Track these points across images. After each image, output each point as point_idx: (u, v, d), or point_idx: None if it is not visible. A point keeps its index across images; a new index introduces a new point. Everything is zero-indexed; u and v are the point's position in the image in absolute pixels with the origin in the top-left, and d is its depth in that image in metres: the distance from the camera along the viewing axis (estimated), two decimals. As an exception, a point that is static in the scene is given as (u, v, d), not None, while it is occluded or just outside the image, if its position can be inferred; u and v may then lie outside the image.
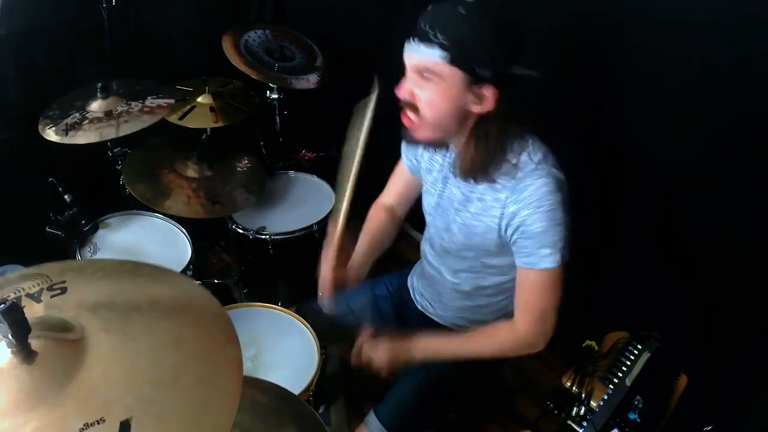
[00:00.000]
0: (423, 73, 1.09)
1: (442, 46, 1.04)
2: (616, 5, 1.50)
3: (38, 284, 0.73)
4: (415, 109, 1.14)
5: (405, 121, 1.19)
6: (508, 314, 1.45)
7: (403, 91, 1.14)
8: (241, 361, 0.69)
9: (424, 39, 1.05)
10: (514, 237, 1.19)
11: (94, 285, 0.76)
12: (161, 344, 0.68)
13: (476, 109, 1.11)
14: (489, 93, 1.09)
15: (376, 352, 1.30)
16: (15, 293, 0.71)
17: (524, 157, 1.17)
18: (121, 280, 0.78)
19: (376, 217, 1.54)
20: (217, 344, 0.70)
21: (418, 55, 1.08)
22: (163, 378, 0.64)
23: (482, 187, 1.22)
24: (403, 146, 1.48)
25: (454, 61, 1.05)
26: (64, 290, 0.72)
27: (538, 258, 1.16)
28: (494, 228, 1.22)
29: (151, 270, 0.81)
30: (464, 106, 1.11)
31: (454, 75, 1.06)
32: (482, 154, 1.16)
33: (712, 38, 1.35)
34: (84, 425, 0.56)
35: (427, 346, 1.31)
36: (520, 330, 1.25)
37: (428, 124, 1.14)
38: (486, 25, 1.04)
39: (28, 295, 0.71)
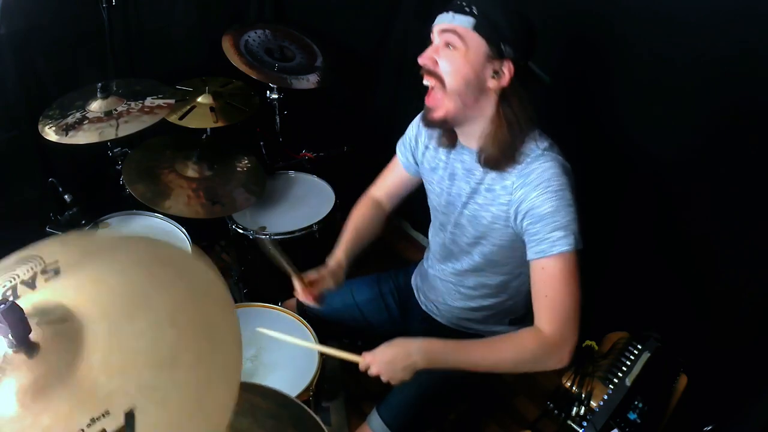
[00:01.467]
0: (450, 40, 1.14)
1: (473, 15, 1.11)
2: (611, 4, 1.50)
3: (32, 268, 0.72)
4: (435, 76, 1.17)
5: (428, 100, 1.21)
6: (512, 317, 1.44)
7: (425, 58, 1.17)
8: (239, 331, 0.67)
9: (459, 10, 1.13)
10: (525, 223, 1.17)
11: (86, 263, 0.75)
12: (158, 320, 0.67)
13: (492, 84, 1.15)
14: (506, 69, 1.13)
15: (376, 363, 1.18)
16: (11, 281, 0.71)
17: (531, 144, 1.19)
18: (114, 254, 0.77)
19: (363, 209, 1.54)
20: (214, 314, 0.69)
21: (450, 22, 1.14)
22: (162, 360, 0.63)
23: (490, 177, 1.23)
24: (400, 144, 1.48)
25: (482, 30, 1.11)
26: (57, 271, 0.72)
27: (551, 243, 1.13)
28: (502, 216, 1.22)
29: (145, 243, 0.80)
30: (483, 78, 1.15)
31: (480, 44, 1.12)
32: (509, 139, 1.18)
33: (710, 35, 1.35)
34: (91, 420, 0.56)
35: (433, 352, 1.18)
36: (545, 332, 1.15)
37: (449, 94, 1.16)
38: (514, 10, 1.13)
39: (23, 282, 0.71)
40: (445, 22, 1.15)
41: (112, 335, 0.65)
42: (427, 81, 1.19)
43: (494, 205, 1.23)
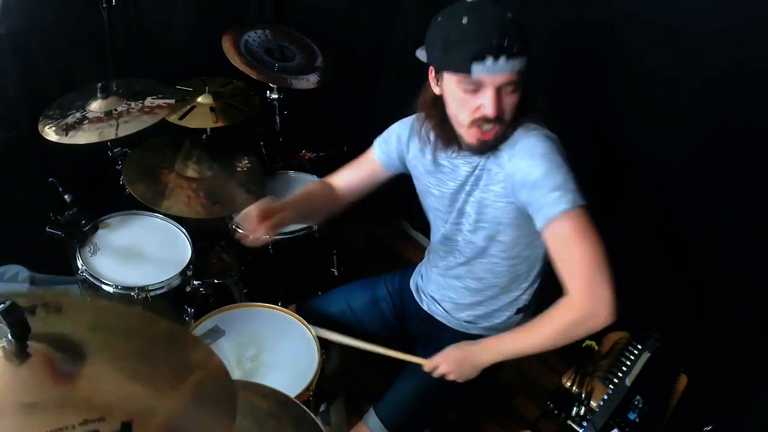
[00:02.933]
0: (512, 86, 1.12)
1: (523, 53, 1.09)
2: (614, 10, 1.50)
3: (32, 301, 0.72)
4: (502, 121, 1.16)
5: (480, 135, 1.18)
6: (518, 306, 1.43)
7: (496, 110, 1.13)
8: (236, 400, 0.70)
9: (512, 54, 1.08)
10: (523, 194, 1.17)
11: (89, 311, 0.76)
12: (156, 370, 0.70)
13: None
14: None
15: (446, 362, 1.28)
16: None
17: (521, 128, 1.21)
18: (118, 319, 0.79)
19: (319, 186, 1.53)
20: (209, 377, 0.73)
21: (511, 71, 1.10)
22: (160, 389, 0.65)
23: (484, 162, 1.25)
24: (381, 141, 1.47)
25: (529, 61, 1.12)
26: (59, 309, 0.72)
27: (551, 206, 1.11)
28: (502, 193, 1.23)
29: (141, 314, 0.82)
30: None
31: (526, 74, 1.13)
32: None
33: (711, 39, 1.35)
34: (84, 421, 0.57)
35: (495, 346, 1.27)
36: (575, 300, 1.14)
37: (506, 127, 1.19)
38: (522, 22, 1.11)
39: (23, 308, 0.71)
40: (505, 72, 1.10)
41: (113, 364, 0.66)
42: (485, 129, 1.17)
43: (493, 183, 1.24)
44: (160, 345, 0.73)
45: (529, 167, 1.14)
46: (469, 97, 1.14)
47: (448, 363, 1.28)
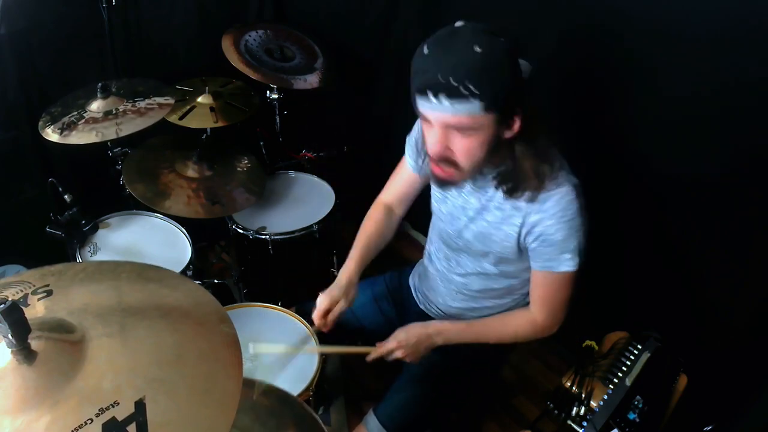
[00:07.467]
0: (460, 129, 1.05)
1: (477, 97, 0.98)
2: (622, 15, 1.51)
3: (21, 290, 0.72)
4: (452, 162, 1.11)
5: (439, 172, 1.15)
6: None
7: (438, 148, 1.09)
8: (236, 335, 0.71)
9: (455, 95, 0.99)
10: (534, 244, 1.22)
11: (78, 286, 0.76)
12: (157, 328, 0.69)
13: (507, 135, 1.11)
14: (517, 119, 1.08)
15: (402, 347, 1.30)
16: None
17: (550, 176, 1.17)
18: (104, 279, 0.79)
19: (375, 217, 1.52)
20: (209, 317, 0.73)
21: (453, 114, 1.02)
22: (166, 358, 0.66)
23: (500, 196, 1.22)
24: (408, 144, 1.47)
25: (492, 108, 1.01)
26: (49, 293, 0.72)
27: (559, 262, 1.21)
28: (513, 236, 1.23)
29: (132, 267, 0.82)
30: (498, 139, 1.09)
31: (491, 120, 1.04)
32: (534, 170, 1.14)
33: (719, 52, 1.35)
34: (99, 410, 0.58)
35: (448, 333, 1.34)
36: (538, 321, 1.31)
37: (467, 171, 1.13)
38: (504, 58, 1.00)
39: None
40: (442, 112, 1.02)
41: (114, 340, 0.66)
42: (441, 167, 1.13)
43: (506, 224, 1.23)
44: (151, 310, 0.73)
45: (554, 229, 1.17)
46: (427, 130, 1.11)
47: (404, 348, 1.30)
